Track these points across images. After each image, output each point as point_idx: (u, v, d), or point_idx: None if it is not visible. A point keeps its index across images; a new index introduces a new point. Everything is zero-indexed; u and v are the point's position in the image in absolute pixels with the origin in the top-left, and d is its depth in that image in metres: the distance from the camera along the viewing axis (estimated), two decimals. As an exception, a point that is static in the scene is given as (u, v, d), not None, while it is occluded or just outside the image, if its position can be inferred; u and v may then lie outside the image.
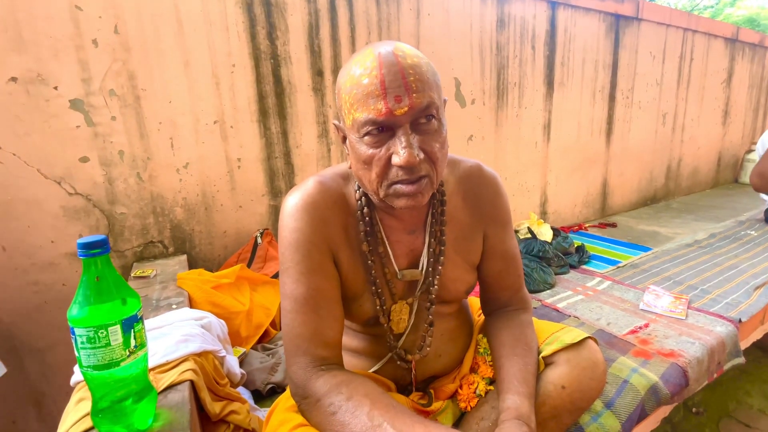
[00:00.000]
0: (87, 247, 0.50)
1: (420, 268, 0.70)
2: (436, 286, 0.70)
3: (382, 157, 0.56)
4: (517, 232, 1.95)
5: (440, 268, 0.70)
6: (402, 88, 0.53)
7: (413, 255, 0.71)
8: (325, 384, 0.59)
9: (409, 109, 0.53)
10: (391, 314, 0.71)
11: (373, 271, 0.67)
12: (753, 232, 2.22)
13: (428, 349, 0.73)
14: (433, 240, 0.70)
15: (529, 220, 2.06)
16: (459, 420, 0.77)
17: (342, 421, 0.55)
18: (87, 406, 0.60)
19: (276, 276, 1.32)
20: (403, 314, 0.72)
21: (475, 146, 2.05)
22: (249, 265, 1.37)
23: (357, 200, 0.67)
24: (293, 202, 0.64)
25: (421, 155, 0.55)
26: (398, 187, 0.57)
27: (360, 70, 0.55)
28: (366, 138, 0.56)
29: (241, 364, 1.03)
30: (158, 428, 0.57)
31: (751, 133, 3.95)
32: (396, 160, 0.55)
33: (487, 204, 0.73)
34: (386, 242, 0.69)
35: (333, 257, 0.66)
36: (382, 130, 0.55)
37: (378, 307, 0.69)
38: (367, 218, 0.66)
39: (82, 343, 0.50)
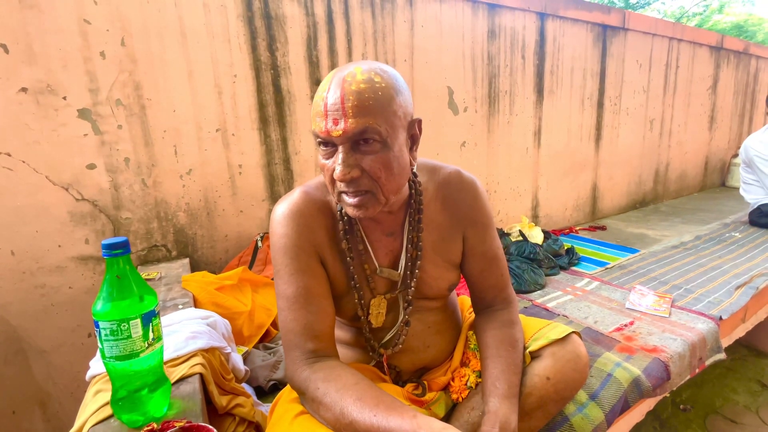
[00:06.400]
0: (110, 248, 0.55)
1: (399, 270, 0.76)
2: (413, 288, 0.76)
3: (330, 168, 0.63)
4: (509, 234, 2.01)
5: (417, 271, 0.75)
6: (340, 112, 0.59)
7: (393, 255, 0.77)
8: (306, 379, 0.65)
9: (344, 132, 0.59)
10: (370, 308, 0.76)
11: (352, 268, 0.73)
12: (737, 234, 2.29)
13: (400, 346, 0.78)
14: (410, 245, 0.75)
15: (520, 224, 2.12)
16: (451, 410, 0.82)
17: (322, 415, 0.63)
18: (104, 397, 0.64)
19: (276, 278, 1.36)
20: (381, 308, 0.77)
21: (468, 152, 2.12)
22: (250, 268, 1.41)
23: (337, 202, 0.72)
24: (281, 210, 0.71)
25: (356, 173, 0.61)
26: (343, 196, 0.64)
27: (319, 91, 0.63)
28: (320, 149, 0.64)
29: (244, 362, 1.07)
30: (172, 416, 0.61)
31: (737, 137, 4.05)
32: (334, 173, 0.62)
33: (466, 207, 0.78)
34: (366, 240, 0.74)
35: (320, 259, 0.72)
36: (328, 145, 0.63)
37: (356, 301, 0.75)
38: (345, 218, 0.72)
39: (106, 335, 0.54)
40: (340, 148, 0.61)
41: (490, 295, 0.83)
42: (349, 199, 0.63)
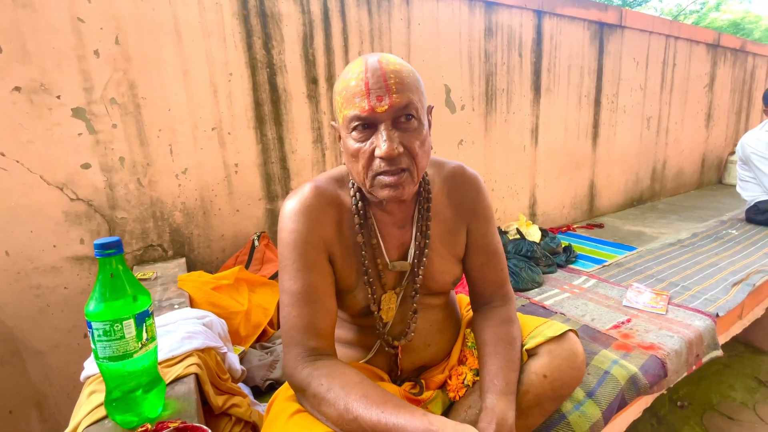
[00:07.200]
0: (103, 247, 0.54)
1: (408, 259, 0.76)
2: (420, 276, 0.76)
3: (367, 151, 0.63)
4: (506, 233, 2.01)
5: (425, 259, 0.76)
6: (383, 89, 0.60)
7: (403, 248, 0.77)
8: (309, 376, 0.65)
9: (389, 107, 0.61)
10: (381, 303, 0.77)
11: (366, 262, 0.73)
12: (734, 231, 2.30)
13: (413, 334, 0.78)
14: (419, 234, 0.76)
15: (518, 222, 2.12)
16: (448, 408, 0.82)
17: (324, 411, 0.62)
18: (98, 398, 0.64)
19: (273, 277, 1.36)
20: (392, 303, 0.77)
21: (465, 150, 2.11)
22: (247, 268, 1.40)
23: (352, 197, 0.73)
24: (291, 205, 0.71)
25: (401, 149, 0.62)
26: (381, 178, 0.64)
27: (350, 75, 0.63)
28: (353, 133, 0.64)
29: (241, 361, 1.07)
30: (167, 416, 0.61)
31: (734, 135, 4.06)
32: (378, 152, 0.62)
33: (470, 201, 0.80)
34: (379, 235, 0.75)
35: (328, 255, 0.72)
36: (367, 127, 0.63)
37: (369, 296, 0.74)
38: (361, 212, 0.73)
39: (99, 336, 0.54)
40: (382, 126, 0.62)
41: (489, 291, 0.84)
42: (387, 179, 0.64)
